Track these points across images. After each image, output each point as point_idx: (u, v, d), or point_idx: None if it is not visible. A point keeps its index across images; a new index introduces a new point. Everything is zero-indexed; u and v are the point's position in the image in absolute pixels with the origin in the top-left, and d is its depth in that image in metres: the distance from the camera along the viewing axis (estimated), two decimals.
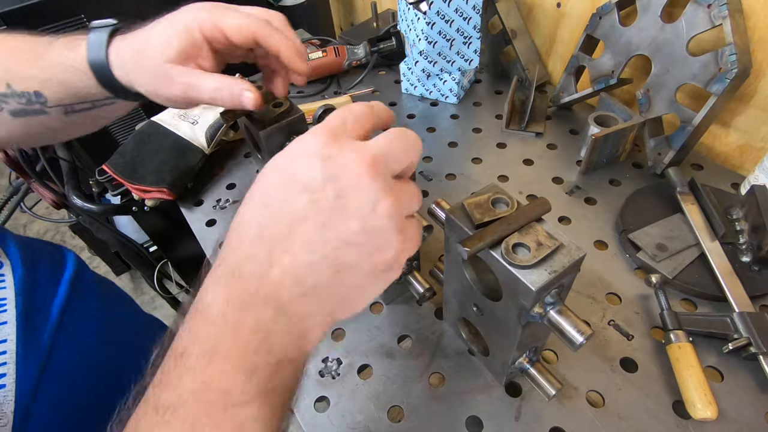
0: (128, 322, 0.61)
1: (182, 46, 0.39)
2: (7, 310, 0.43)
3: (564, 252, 0.33)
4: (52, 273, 0.52)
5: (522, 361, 0.44)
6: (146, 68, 0.40)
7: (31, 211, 1.15)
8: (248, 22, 0.40)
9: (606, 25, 0.69)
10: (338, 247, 0.26)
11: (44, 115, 0.44)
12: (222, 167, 0.79)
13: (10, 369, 0.40)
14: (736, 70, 0.55)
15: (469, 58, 0.82)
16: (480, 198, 0.36)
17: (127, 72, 0.41)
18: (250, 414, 0.24)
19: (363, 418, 0.47)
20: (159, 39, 0.39)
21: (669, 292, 0.53)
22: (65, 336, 0.47)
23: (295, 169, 0.26)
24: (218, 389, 0.24)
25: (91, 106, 0.45)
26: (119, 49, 0.41)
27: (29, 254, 0.50)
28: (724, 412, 0.44)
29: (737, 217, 0.56)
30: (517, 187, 0.69)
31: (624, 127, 0.66)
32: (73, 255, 0.57)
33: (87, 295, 0.53)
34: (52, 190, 0.95)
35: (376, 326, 0.55)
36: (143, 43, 0.40)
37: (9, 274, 0.46)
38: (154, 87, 0.41)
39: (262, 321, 0.25)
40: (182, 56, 0.39)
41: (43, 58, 0.42)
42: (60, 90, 0.42)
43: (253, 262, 0.26)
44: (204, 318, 0.25)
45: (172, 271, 1.29)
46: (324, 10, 1.25)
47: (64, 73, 0.41)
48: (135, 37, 0.41)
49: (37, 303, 0.46)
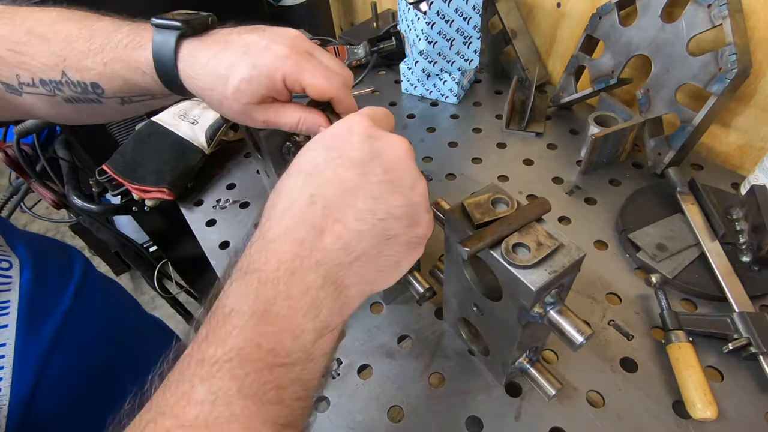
0: (131, 325, 0.61)
1: (264, 92, 0.39)
2: (9, 314, 0.43)
3: (564, 252, 0.33)
4: (60, 276, 0.51)
5: (522, 361, 0.44)
6: (226, 105, 0.40)
7: (31, 211, 1.15)
8: (328, 84, 0.39)
9: (606, 25, 0.69)
10: (384, 218, 0.28)
11: (99, 105, 0.43)
12: (222, 167, 0.79)
13: (7, 373, 0.40)
14: (736, 70, 0.55)
15: (469, 58, 0.82)
16: (480, 198, 0.36)
17: (200, 92, 0.40)
18: (294, 376, 0.25)
19: (363, 418, 0.47)
20: (240, 83, 0.38)
21: (669, 292, 0.53)
22: (66, 341, 0.47)
23: (344, 145, 0.29)
24: (266, 349, 0.24)
25: (151, 97, 0.44)
26: (191, 63, 0.39)
27: (38, 255, 0.49)
28: (724, 412, 0.44)
29: (737, 217, 0.56)
30: (517, 187, 0.69)
31: (624, 127, 0.66)
32: (81, 257, 0.57)
33: (92, 300, 0.53)
34: (52, 190, 0.95)
35: (376, 326, 0.55)
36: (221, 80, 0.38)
37: (16, 276, 0.45)
38: (231, 115, 0.41)
39: (311, 286, 0.26)
40: (265, 98, 0.40)
41: (104, 52, 0.40)
42: (120, 84, 0.41)
43: (304, 228, 0.27)
44: (255, 279, 0.26)
45: (172, 271, 1.29)
46: (324, 10, 1.25)
47: (127, 71, 0.40)
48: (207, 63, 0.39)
49: (41, 307, 0.46)
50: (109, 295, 0.59)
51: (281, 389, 0.24)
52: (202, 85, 0.39)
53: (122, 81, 0.41)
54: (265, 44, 0.38)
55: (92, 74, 0.40)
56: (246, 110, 0.40)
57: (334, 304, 0.27)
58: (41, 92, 0.42)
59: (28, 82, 0.41)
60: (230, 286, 0.26)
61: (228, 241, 0.66)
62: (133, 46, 0.40)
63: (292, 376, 0.25)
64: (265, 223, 0.28)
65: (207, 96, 0.40)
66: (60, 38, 0.40)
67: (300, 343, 0.25)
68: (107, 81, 0.41)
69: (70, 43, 0.40)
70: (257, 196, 0.73)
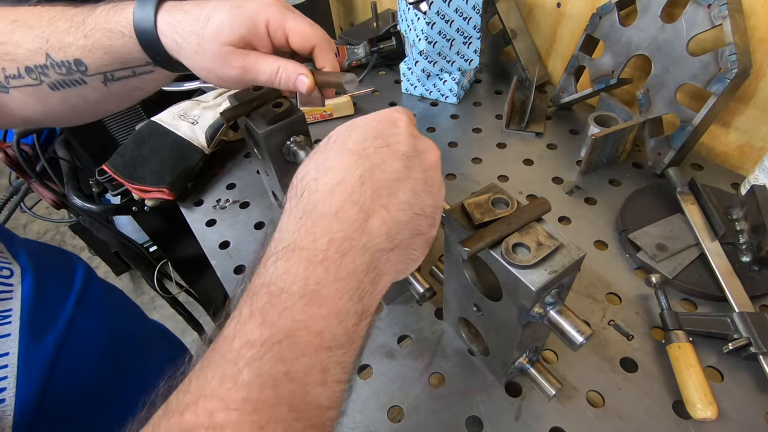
0: (133, 332, 0.60)
1: (244, 33, 0.39)
2: (11, 322, 0.42)
3: (564, 252, 0.33)
4: (62, 284, 0.51)
5: (522, 361, 0.44)
6: (203, 47, 0.39)
7: (31, 211, 1.15)
8: (312, 32, 0.40)
9: (606, 25, 0.69)
10: (419, 213, 0.30)
11: (83, 87, 0.43)
12: (222, 167, 0.79)
13: (11, 383, 0.40)
14: (736, 70, 0.55)
15: (469, 58, 0.82)
16: (480, 198, 0.36)
17: (177, 44, 0.40)
18: (337, 359, 0.25)
19: (363, 418, 0.47)
20: (221, 22, 0.39)
21: (669, 292, 0.53)
22: (70, 349, 0.46)
23: (391, 138, 0.30)
24: (314, 332, 0.24)
25: (131, 73, 0.44)
26: (171, 19, 0.40)
27: (40, 262, 0.49)
28: (724, 412, 0.44)
29: (737, 217, 0.56)
30: (517, 187, 0.69)
31: (624, 127, 0.66)
32: (82, 264, 0.57)
33: (94, 307, 0.53)
34: (52, 190, 0.95)
35: (376, 326, 0.55)
36: (201, 21, 0.39)
37: (18, 284, 0.45)
38: (207, 66, 0.40)
39: (358, 269, 0.26)
40: (242, 43, 0.40)
41: (85, 23, 0.41)
42: (101, 56, 0.41)
43: (355, 208, 0.27)
44: (304, 258, 0.25)
45: (172, 271, 1.29)
46: (324, 10, 1.25)
47: (108, 38, 0.40)
48: (190, 11, 0.40)
49: (43, 315, 0.45)
50: (111, 301, 0.59)
51: (325, 372, 0.24)
52: (182, 31, 0.39)
53: (103, 51, 0.41)
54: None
55: (74, 50, 0.41)
56: (223, 53, 0.39)
57: (374, 288, 0.27)
58: (27, 83, 0.42)
59: (14, 74, 0.41)
60: (275, 263, 0.25)
61: (228, 241, 0.66)
62: (113, 12, 0.41)
63: (335, 359, 0.25)
64: (306, 196, 0.27)
65: (185, 43, 0.40)
66: (44, 22, 0.41)
67: (344, 326, 0.25)
68: (89, 54, 0.41)
69: (52, 24, 0.41)
70: (257, 196, 0.73)
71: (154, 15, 0.40)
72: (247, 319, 0.24)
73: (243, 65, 0.40)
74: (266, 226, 0.53)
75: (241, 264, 0.63)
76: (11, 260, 0.47)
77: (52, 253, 0.55)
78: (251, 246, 0.65)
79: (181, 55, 0.41)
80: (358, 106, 0.88)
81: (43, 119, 0.47)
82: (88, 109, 0.47)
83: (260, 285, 0.25)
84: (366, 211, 0.27)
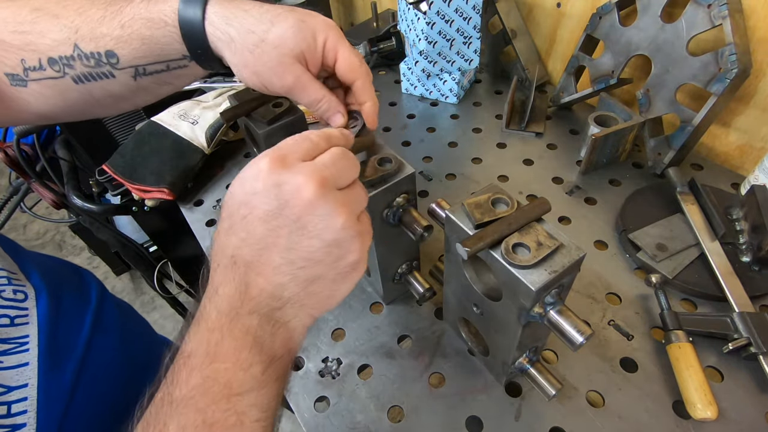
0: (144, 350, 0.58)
1: (305, 48, 0.39)
2: (29, 350, 0.40)
3: (564, 252, 0.33)
4: (77, 304, 0.49)
5: (522, 361, 0.44)
6: (261, 49, 0.38)
7: (31, 211, 1.15)
8: (360, 64, 0.40)
9: (606, 25, 0.69)
10: (303, 266, 0.30)
11: (110, 80, 0.41)
12: (222, 167, 0.79)
13: (31, 417, 0.37)
14: (736, 70, 0.55)
15: (469, 58, 0.82)
16: (480, 198, 0.36)
17: (230, 37, 0.39)
18: (250, 402, 0.28)
19: (363, 418, 0.47)
20: (286, 31, 0.38)
21: (669, 292, 0.53)
22: (88, 373, 0.44)
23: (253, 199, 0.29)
24: (222, 383, 0.27)
25: (165, 68, 0.42)
26: (226, 12, 0.39)
27: (53, 282, 0.47)
28: (724, 412, 0.44)
29: (737, 217, 0.56)
30: (517, 187, 0.69)
31: (624, 127, 0.66)
32: (95, 281, 0.55)
33: (109, 328, 0.51)
34: (52, 190, 0.95)
35: (376, 326, 0.55)
36: (264, 24, 0.38)
37: (33, 307, 0.43)
38: (257, 68, 0.39)
39: (250, 328, 0.29)
40: (301, 57, 0.39)
41: (122, 13, 0.39)
42: (137, 47, 0.40)
43: (232, 285, 0.30)
44: (205, 325, 0.29)
45: (172, 271, 1.29)
46: (324, 10, 1.25)
47: (149, 27, 0.39)
48: (249, 9, 0.39)
49: (61, 341, 0.44)
50: (124, 319, 0.57)
51: (241, 414, 0.27)
52: (239, 27, 0.38)
53: (140, 41, 0.39)
54: (310, 10, 0.40)
55: (107, 41, 0.39)
56: (282, 62, 0.39)
57: (275, 338, 0.30)
58: (49, 75, 0.40)
59: (34, 66, 0.40)
60: (188, 334, 0.30)
61: None
62: (156, 1, 0.39)
63: (248, 401, 0.28)
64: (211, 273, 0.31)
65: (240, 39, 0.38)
66: (70, 12, 0.39)
67: (251, 374, 0.28)
68: (124, 45, 0.39)
69: (82, 14, 0.39)
70: None
71: (203, 5, 0.38)
72: (170, 382, 0.28)
73: (295, 80, 0.40)
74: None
75: None
76: (25, 282, 0.45)
77: (64, 271, 0.53)
78: None
79: (229, 49, 0.39)
80: None
81: (61, 114, 0.45)
82: (111, 103, 0.45)
83: (179, 353, 0.29)
84: (243, 283, 0.29)
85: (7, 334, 0.39)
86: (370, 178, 0.40)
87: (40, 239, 2.05)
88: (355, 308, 0.57)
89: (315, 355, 0.53)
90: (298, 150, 0.31)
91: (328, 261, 0.30)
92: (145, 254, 1.22)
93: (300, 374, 0.51)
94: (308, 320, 0.32)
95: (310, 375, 0.51)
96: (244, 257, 0.30)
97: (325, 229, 0.29)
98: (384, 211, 0.43)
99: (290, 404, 0.49)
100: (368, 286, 0.59)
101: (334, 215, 0.29)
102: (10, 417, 0.36)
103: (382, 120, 0.85)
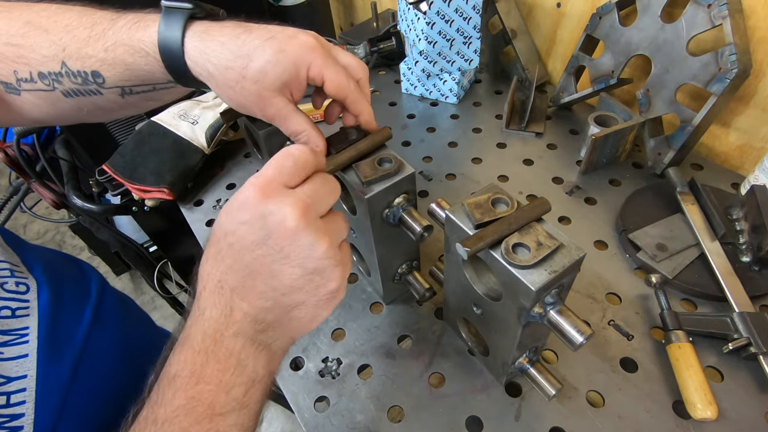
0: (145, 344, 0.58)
1: (286, 79, 0.38)
2: (29, 342, 0.40)
3: (564, 252, 0.33)
4: (77, 298, 0.49)
5: (522, 361, 0.44)
6: (242, 86, 0.38)
7: (31, 211, 1.15)
8: (346, 83, 0.40)
9: (606, 25, 0.69)
10: (286, 293, 0.31)
11: (99, 97, 0.42)
12: (222, 167, 0.79)
13: (29, 408, 0.38)
14: (736, 70, 0.55)
15: (469, 58, 0.82)
16: (480, 198, 0.36)
17: (209, 73, 0.38)
18: (231, 422, 0.30)
19: (363, 418, 0.47)
20: (264, 65, 0.37)
21: (669, 292, 0.53)
22: (86, 366, 0.45)
23: (239, 230, 0.30)
24: (205, 403, 0.29)
25: (151, 88, 0.43)
26: (203, 47, 0.38)
27: (55, 275, 0.47)
28: (724, 412, 0.44)
29: (737, 217, 0.56)
30: (517, 187, 0.69)
31: (624, 127, 0.66)
32: (95, 274, 0.55)
33: (109, 322, 0.51)
34: (52, 190, 0.95)
35: (376, 326, 0.55)
36: (242, 59, 0.37)
37: (34, 299, 0.43)
38: (240, 101, 0.39)
39: (234, 350, 0.31)
40: (283, 88, 0.39)
41: (105, 37, 0.39)
42: (122, 71, 0.40)
43: (218, 308, 0.31)
44: (190, 348, 0.31)
45: (172, 271, 1.29)
46: (324, 10, 1.25)
47: (131, 54, 0.39)
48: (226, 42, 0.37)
49: (60, 333, 0.44)
50: (124, 314, 0.57)
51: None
52: (217, 63, 0.37)
53: (124, 67, 0.39)
54: (291, 33, 0.38)
55: (93, 62, 0.39)
56: (262, 97, 0.38)
57: (257, 361, 0.32)
58: (40, 87, 0.41)
59: (26, 78, 0.40)
60: (173, 355, 0.31)
61: None
62: (136, 28, 0.39)
63: (230, 422, 0.30)
64: (196, 296, 0.32)
65: (219, 76, 0.38)
66: (59, 28, 0.39)
67: (233, 396, 0.30)
68: (108, 68, 0.40)
69: (69, 32, 0.39)
70: None
71: (181, 38, 0.37)
72: (154, 402, 0.29)
73: (275, 112, 0.40)
74: None
75: None
76: (27, 274, 0.45)
77: (65, 264, 0.54)
78: None
79: (210, 83, 0.39)
80: None
81: (54, 120, 0.46)
82: (102, 115, 0.46)
83: (163, 373, 0.31)
84: (228, 308, 0.31)
85: (9, 325, 0.40)
86: (370, 178, 0.40)
87: (40, 239, 2.05)
88: (355, 308, 0.57)
89: (315, 355, 0.53)
90: (281, 174, 0.31)
91: (309, 288, 0.32)
92: (145, 254, 1.22)
93: (300, 374, 0.51)
94: (288, 343, 0.34)
95: (310, 375, 0.51)
96: (230, 282, 0.31)
97: (307, 258, 0.30)
98: (384, 211, 0.43)
99: (290, 404, 0.49)
100: (368, 286, 0.59)
101: (315, 245, 0.30)
102: (9, 407, 0.37)
103: (383, 120, 0.85)
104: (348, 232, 0.35)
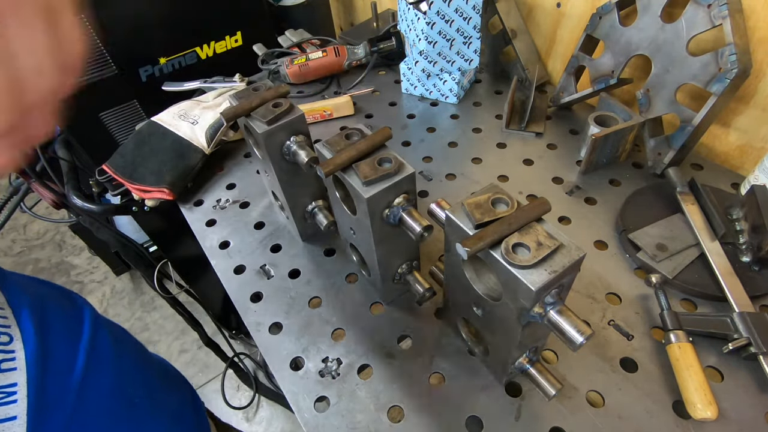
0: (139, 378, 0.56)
1: None
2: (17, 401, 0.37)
3: (564, 252, 0.33)
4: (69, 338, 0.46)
5: (522, 361, 0.44)
6: None
7: (31, 211, 1.15)
8: None
9: (606, 25, 0.69)
10: None
11: None
12: (222, 167, 0.79)
13: None
14: (736, 70, 0.55)
15: (469, 58, 0.82)
16: (480, 198, 0.36)
17: None
18: None
19: (363, 418, 0.47)
20: None
21: (669, 292, 0.53)
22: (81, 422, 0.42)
23: None
24: None
25: None
26: None
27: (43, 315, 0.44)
28: (724, 412, 0.44)
29: (737, 217, 0.56)
30: (517, 187, 0.69)
31: (624, 127, 0.66)
32: (87, 307, 0.53)
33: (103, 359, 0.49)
34: (52, 190, 0.95)
35: (376, 326, 0.55)
36: None
37: (20, 349, 0.40)
38: None
39: None
40: None
41: None
42: None
43: None
44: None
45: (172, 271, 1.29)
46: (324, 10, 1.25)
47: None
48: None
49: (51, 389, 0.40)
50: (118, 346, 0.54)
51: None
52: None
53: None
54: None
55: None
56: None
57: None
58: None
59: None
60: None
61: (228, 241, 0.66)
62: None
63: None
64: None
65: None
66: None
67: None
68: None
69: None
70: (257, 196, 0.73)
71: None
72: None
73: None
74: None
75: (241, 264, 0.63)
76: (10, 319, 0.41)
77: (54, 297, 0.51)
78: (251, 246, 0.65)
79: None
80: (358, 106, 0.88)
81: None
82: None
83: None
84: None
85: None
86: (370, 178, 0.40)
87: (40, 239, 2.05)
88: (355, 308, 0.57)
89: (315, 355, 0.53)
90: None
91: None
92: (145, 254, 1.22)
93: (300, 374, 0.51)
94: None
95: (310, 375, 0.51)
96: None
97: None
98: (384, 211, 0.43)
99: (290, 404, 0.49)
100: (368, 286, 0.59)
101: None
102: None
103: (383, 120, 0.85)
104: None
